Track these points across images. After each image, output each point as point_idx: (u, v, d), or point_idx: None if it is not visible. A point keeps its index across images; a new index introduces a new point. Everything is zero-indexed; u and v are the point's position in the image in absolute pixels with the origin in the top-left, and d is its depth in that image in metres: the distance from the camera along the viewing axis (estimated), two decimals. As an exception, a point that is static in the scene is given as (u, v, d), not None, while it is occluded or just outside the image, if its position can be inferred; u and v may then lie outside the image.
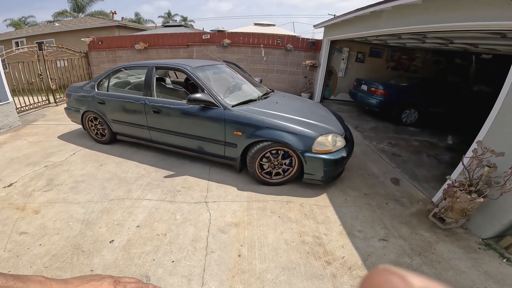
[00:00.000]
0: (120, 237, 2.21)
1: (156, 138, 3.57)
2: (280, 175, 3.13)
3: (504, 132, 2.41)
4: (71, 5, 18.87)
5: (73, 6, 18.80)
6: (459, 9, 3.06)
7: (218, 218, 2.55)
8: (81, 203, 2.66)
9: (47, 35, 10.48)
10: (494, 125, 2.54)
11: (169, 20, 24.34)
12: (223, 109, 3.03)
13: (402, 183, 3.52)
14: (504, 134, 2.40)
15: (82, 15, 18.67)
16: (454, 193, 2.48)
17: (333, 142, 2.90)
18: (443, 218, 2.61)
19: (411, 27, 3.94)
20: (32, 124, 5.26)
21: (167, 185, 3.05)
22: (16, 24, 19.29)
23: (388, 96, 6.10)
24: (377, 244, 2.34)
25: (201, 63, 3.72)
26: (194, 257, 2.07)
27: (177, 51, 7.79)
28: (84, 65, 7.79)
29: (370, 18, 4.86)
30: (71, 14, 18.66)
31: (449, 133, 5.93)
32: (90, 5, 19.42)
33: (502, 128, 2.44)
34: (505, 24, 2.52)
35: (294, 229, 2.46)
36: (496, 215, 2.42)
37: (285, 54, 7.73)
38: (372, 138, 5.36)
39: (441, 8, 3.31)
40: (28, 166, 3.44)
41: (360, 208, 2.86)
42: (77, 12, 18.96)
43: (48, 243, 2.11)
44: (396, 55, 7.99)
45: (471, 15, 2.90)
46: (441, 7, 3.30)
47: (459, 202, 2.45)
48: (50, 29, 10.71)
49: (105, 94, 3.76)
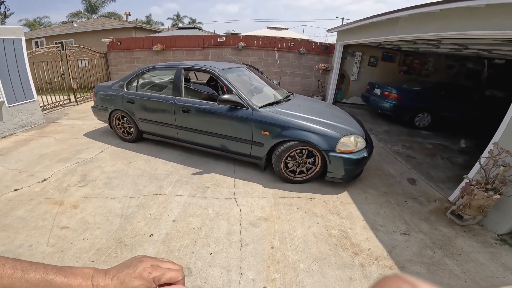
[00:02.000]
0: (158, 231, 2.34)
1: (183, 137, 3.70)
2: (304, 174, 3.26)
3: None
4: (85, 6, 19.29)
5: (87, 7, 19.21)
6: (476, 18, 3.16)
7: (248, 213, 2.68)
8: (117, 198, 2.79)
9: (67, 36, 10.75)
10: (509, 127, 2.68)
11: (178, 22, 24.68)
12: (251, 110, 3.15)
13: (418, 183, 3.65)
14: None
15: (95, 16, 19.09)
16: (472, 191, 2.62)
17: (355, 142, 3.05)
18: (460, 215, 2.75)
19: (427, 34, 4.04)
20: (55, 122, 5.44)
21: (196, 182, 3.18)
22: (31, 24, 19.75)
23: (401, 100, 6.18)
24: (399, 238, 2.48)
25: (226, 65, 3.85)
26: (230, 249, 2.19)
27: (193, 53, 7.97)
28: (103, 65, 8.00)
29: (386, 24, 4.97)
30: (85, 15, 19.08)
31: (462, 137, 5.99)
32: (103, 6, 19.88)
33: None
34: None
35: (320, 223, 2.60)
36: (511, 212, 2.54)
37: (298, 58, 7.86)
38: (386, 140, 5.45)
39: (458, 17, 3.41)
40: (59, 162, 3.59)
41: (381, 205, 3.00)
42: (91, 13, 19.37)
43: (91, 237, 2.23)
44: (409, 59, 8.07)
45: (488, 24, 3.00)
46: (458, 16, 3.39)
47: (477, 199, 2.59)
48: (69, 30, 10.99)
49: (134, 93, 3.91)
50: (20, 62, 4.78)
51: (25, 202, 2.67)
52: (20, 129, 4.87)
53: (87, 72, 7.31)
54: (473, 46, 4.84)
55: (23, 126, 4.92)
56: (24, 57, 4.86)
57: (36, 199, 2.73)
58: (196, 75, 5.23)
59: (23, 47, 4.80)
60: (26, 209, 2.56)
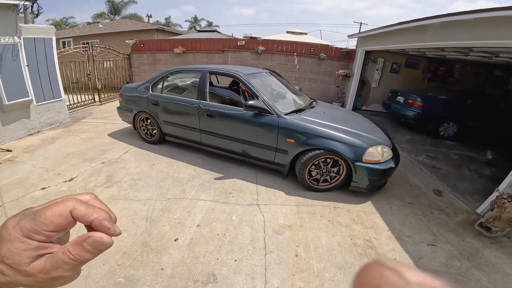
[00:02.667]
0: (183, 236, 2.34)
1: (206, 141, 3.72)
2: (327, 182, 3.21)
3: None
4: (109, 7, 20.03)
5: (110, 8, 19.93)
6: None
7: (271, 220, 2.66)
8: (142, 200, 2.82)
9: (92, 36, 11.15)
10: None
11: (195, 24, 25.13)
12: (276, 117, 3.13)
13: (444, 194, 3.56)
14: None
15: (118, 17, 19.76)
16: (503, 204, 2.57)
17: (382, 153, 3.00)
18: (489, 227, 2.71)
19: (459, 42, 3.90)
20: (81, 121, 5.62)
21: (218, 187, 3.17)
22: (57, 24, 20.70)
23: (426, 109, 5.97)
24: (426, 249, 2.44)
25: (250, 70, 3.85)
26: (255, 256, 2.18)
27: (213, 56, 8.05)
28: (126, 66, 8.22)
29: (415, 31, 4.82)
30: (109, 16, 19.80)
31: (488, 148, 5.75)
32: (125, 8, 20.56)
33: None
34: None
35: (344, 232, 2.57)
36: None
37: (317, 63, 7.78)
38: (409, 150, 5.28)
39: (492, 26, 3.26)
40: (85, 161, 3.69)
41: (406, 216, 2.94)
42: (114, 14, 20.08)
43: (117, 240, 2.24)
44: (434, 66, 7.81)
45: None
46: (493, 24, 3.24)
47: (507, 212, 2.55)
48: (95, 30, 11.40)
49: (159, 95, 3.97)
50: (50, 61, 4.96)
51: (52, 201, 2.74)
52: (47, 127, 5.05)
53: (111, 72, 7.52)
54: (504, 54, 4.63)
55: (49, 124, 5.11)
56: (54, 56, 5.03)
57: (64, 199, 2.79)
58: (217, 79, 5.26)
59: (54, 47, 4.97)
60: (53, 208, 2.63)
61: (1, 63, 4.05)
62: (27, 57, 4.46)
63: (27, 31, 4.43)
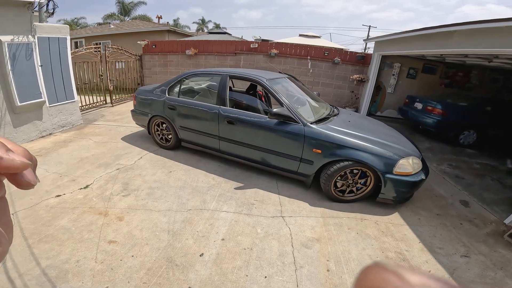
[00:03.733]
0: (208, 251, 2.21)
1: (226, 149, 3.59)
2: (353, 193, 3.07)
3: None
4: (119, 8, 20.12)
5: (120, 9, 20.03)
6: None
7: (298, 233, 2.53)
8: (162, 211, 2.70)
9: (104, 37, 11.12)
10: None
11: (203, 26, 25.17)
12: (302, 126, 2.99)
13: (471, 205, 3.46)
14: None
15: (127, 18, 19.85)
16: None
17: (413, 164, 2.88)
18: None
19: (487, 50, 3.73)
20: (93, 123, 5.53)
21: (239, 197, 3.04)
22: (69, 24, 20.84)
23: (446, 116, 5.78)
24: (459, 260, 2.40)
25: (271, 75, 3.71)
26: (285, 272, 2.06)
27: (225, 59, 7.94)
28: (137, 67, 8.15)
29: (439, 37, 4.65)
30: (118, 17, 19.90)
31: (508, 156, 5.55)
32: (135, 9, 20.67)
33: None
34: None
35: (374, 245, 2.48)
36: None
37: (331, 67, 7.62)
38: (430, 159, 5.10)
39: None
40: (100, 167, 3.58)
41: (436, 228, 2.87)
42: (123, 15, 20.19)
43: (140, 254, 2.13)
44: (451, 71, 7.60)
45: None
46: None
47: None
48: (107, 31, 11.39)
49: (176, 99, 3.85)
50: (64, 62, 4.86)
51: (68, 211, 2.61)
52: (59, 129, 4.97)
53: (123, 74, 7.45)
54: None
55: (62, 127, 5.02)
56: (68, 57, 4.94)
57: (80, 208, 2.67)
58: (232, 82, 5.14)
59: (68, 47, 4.88)
60: (70, 218, 2.50)
61: (14, 63, 3.97)
62: (40, 57, 4.37)
63: (42, 30, 4.35)
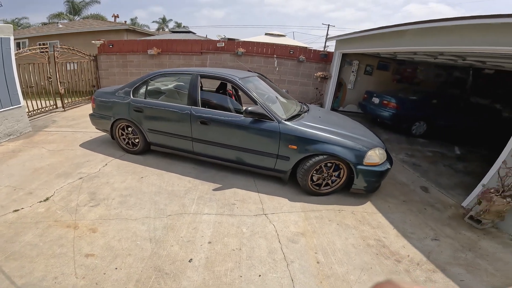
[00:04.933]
0: (197, 255, 2.14)
1: (200, 150, 3.49)
2: (328, 186, 3.21)
3: None
4: (68, 7, 18.31)
5: (70, 9, 18.23)
6: (488, 34, 3.30)
7: (283, 229, 2.58)
8: (139, 219, 2.54)
9: (51, 37, 10.00)
10: None
11: (164, 25, 24.13)
12: (277, 123, 3.04)
13: (430, 190, 3.80)
14: None
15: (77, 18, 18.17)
16: (491, 198, 2.80)
17: (380, 155, 3.06)
18: (479, 219, 2.92)
19: (436, 47, 4.17)
20: (44, 130, 4.98)
21: (219, 198, 2.99)
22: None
23: (400, 109, 6.34)
24: (431, 243, 2.60)
25: (243, 74, 3.70)
26: (278, 268, 2.09)
27: (190, 58, 7.70)
28: (92, 68, 7.51)
29: (393, 36, 5.08)
30: (67, 17, 18.08)
31: (455, 144, 6.28)
32: (87, 8, 18.99)
33: None
34: None
35: (355, 234, 2.62)
36: None
37: (297, 65, 7.87)
38: (390, 149, 5.46)
39: (472, 32, 3.53)
40: (59, 177, 3.24)
41: (404, 214, 3.10)
42: (73, 14, 18.42)
43: (124, 266, 1.98)
44: (402, 68, 8.35)
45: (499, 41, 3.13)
46: (473, 30, 3.51)
47: (496, 205, 2.78)
48: (55, 31, 10.24)
49: (143, 101, 3.63)
50: (7, 63, 4.32)
51: (31, 226, 2.34)
52: (5, 138, 4.39)
53: (76, 75, 6.81)
54: (470, 58, 5.08)
55: (8, 135, 4.45)
56: (12, 58, 4.41)
57: (43, 222, 2.41)
58: (201, 82, 5.01)
59: (12, 48, 4.36)
60: (34, 233, 2.25)
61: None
62: (-20, 59, 3.82)
63: (-19, 29, 3.80)
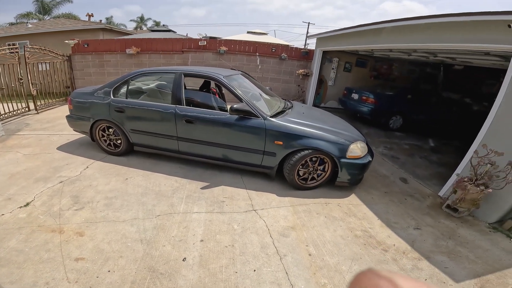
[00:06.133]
0: (190, 254, 2.14)
1: (185, 149, 3.46)
2: (314, 180, 3.30)
3: (500, 137, 2.95)
4: (37, 6, 17.24)
5: (39, 8, 17.17)
6: (459, 31, 3.53)
7: (273, 224, 2.63)
8: (127, 221, 2.49)
9: (20, 37, 9.37)
10: (489, 131, 3.07)
11: (142, 24, 23.39)
12: (263, 120, 3.08)
13: (409, 181, 4.00)
14: (500, 138, 2.93)
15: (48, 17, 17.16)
16: (466, 187, 2.95)
17: (361, 148, 3.19)
18: (456, 208, 3.08)
19: (410, 45, 4.39)
20: (17, 134, 4.71)
21: (208, 197, 2.99)
22: (-28, 27, 17.02)
23: (378, 105, 6.61)
24: (414, 232, 2.72)
25: (227, 72, 3.71)
26: (271, 262, 2.14)
27: (171, 57, 7.54)
28: (66, 69, 7.16)
29: (370, 34, 5.28)
30: (37, 16, 17.03)
31: (429, 137, 6.64)
32: (58, 7, 17.98)
33: (497, 133, 2.98)
34: (498, 47, 3.05)
35: (343, 226, 2.71)
36: (498, 203, 2.94)
37: (279, 63, 7.96)
38: (370, 143, 5.69)
39: (443, 29, 3.76)
40: (37, 182, 3.11)
41: (387, 204, 3.24)
42: (43, 14, 17.36)
43: (117, 268, 1.95)
44: (378, 65, 8.70)
45: (469, 38, 3.37)
46: (443, 28, 3.74)
47: (471, 194, 2.93)
48: (24, 30, 9.60)
49: (124, 101, 3.54)
50: (-27, 65, 4.04)
51: (14, 231, 2.26)
52: (-26, 144, 4.11)
53: (48, 76, 6.47)
54: (441, 54, 5.39)
55: (-23, 141, 4.17)
56: (-22, 59, 4.13)
57: (26, 227, 2.32)
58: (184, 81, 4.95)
59: (-23, 48, 4.07)
60: (18, 239, 2.17)
61: None
62: None
63: None
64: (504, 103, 2.94)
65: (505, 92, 2.94)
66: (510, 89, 2.90)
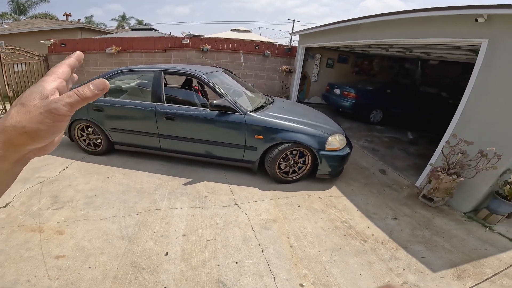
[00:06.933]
0: (172, 248, 2.17)
1: (167, 146, 3.47)
2: (295, 173, 3.38)
3: (469, 127, 3.12)
4: (12, 7, 16.51)
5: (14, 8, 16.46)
6: (430, 26, 3.69)
7: (255, 217, 2.68)
8: (108, 218, 2.49)
9: None
10: (460, 122, 3.24)
11: (123, 23, 22.83)
12: (243, 115, 3.13)
13: (388, 173, 4.14)
14: (470, 128, 3.10)
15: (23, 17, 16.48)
16: (439, 176, 3.06)
17: (340, 141, 3.29)
18: (431, 198, 3.19)
19: (386, 40, 4.55)
20: (-8, 137, 4.54)
21: (190, 192, 3.02)
22: None
23: (359, 99, 6.80)
24: (392, 222, 2.80)
25: (208, 69, 3.74)
26: (253, 255, 2.19)
27: (153, 56, 7.45)
28: (43, 69, 6.94)
29: (349, 30, 5.42)
30: (12, 16, 16.31)
31: (407, 129, 6.89)
32: (34, 7, 17.28)
33: (467, 124, 3.15)
34: (466, 41, 3.22)
35: (323, 218, 2.78)
36: (471, 192, 3.07)
37: (262, 60, 8.02)
38: (351, 136, 5.89)
39: (415, 25, 3.92)
40: (16, 183, 3.02)
41: (366, 195, 3.34)
42: (18, 14, 16.66)
43: (98, 264, 1.96)
44: (359, 61, 8.91)
45: (440, 32, 3.53)
46: (415, 23, 3.90)
47: (444, 183, 3.04)
48: None
49: (103, 100, 3.50)
50: None
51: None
52: None
53: (25, 77, 6.27)
54: (417, 49, 5.60)
55: None
56: None
57: (6, 228, 2.29)
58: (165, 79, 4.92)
59: None
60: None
61: None
62: None
63: None
64: (473, 95, 3.11)
65: (473, 84, 3.10)
66: (478, 81, 3.06)
